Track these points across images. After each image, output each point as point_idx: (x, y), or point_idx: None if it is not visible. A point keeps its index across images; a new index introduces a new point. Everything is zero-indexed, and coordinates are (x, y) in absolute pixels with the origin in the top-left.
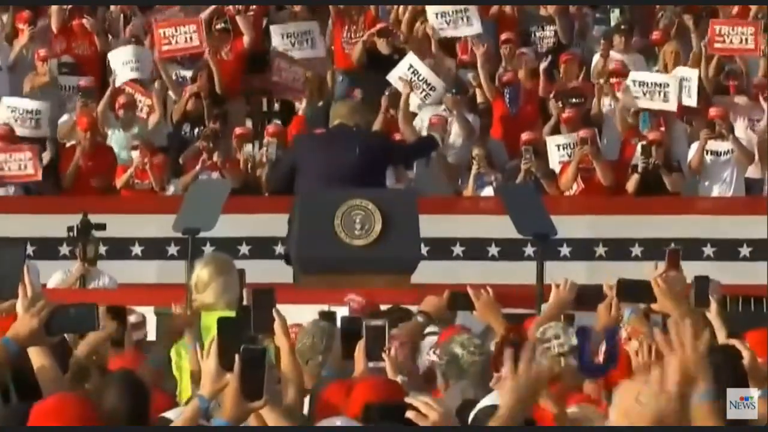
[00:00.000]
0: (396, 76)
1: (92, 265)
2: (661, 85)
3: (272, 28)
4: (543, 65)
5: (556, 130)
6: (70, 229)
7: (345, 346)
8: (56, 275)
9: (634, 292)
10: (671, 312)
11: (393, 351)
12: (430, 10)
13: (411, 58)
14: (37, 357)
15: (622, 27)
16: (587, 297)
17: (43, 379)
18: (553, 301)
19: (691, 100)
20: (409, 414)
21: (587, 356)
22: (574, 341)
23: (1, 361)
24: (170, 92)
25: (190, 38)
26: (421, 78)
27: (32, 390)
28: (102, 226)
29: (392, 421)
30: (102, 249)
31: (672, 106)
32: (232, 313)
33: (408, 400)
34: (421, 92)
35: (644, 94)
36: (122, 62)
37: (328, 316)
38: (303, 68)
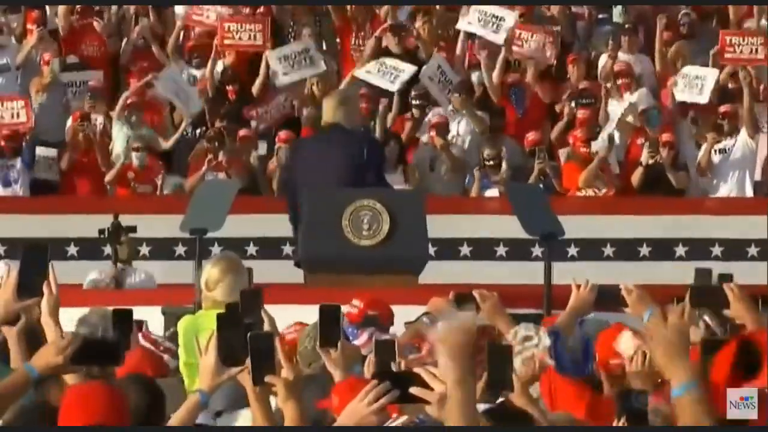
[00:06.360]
0: (427, 75)
1: (127, 264)
2: (699, 77)
3: (268, 53)
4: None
5: (567, 131)
6: (101, 231)
7: (322, 333)
8: (91, 275)
9: (706, 297)
10: (744, 317)
11: (425, 351)
12: (474, 10)
13: (438, 59)
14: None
15: (626, 27)
16: (606, 298)
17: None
18: (573, 302)
19: (701, 98)
20: (414, 390)
21: (563, 356)
22: (547, 341)
23: (20, 386)
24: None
25: (255, 36)
26: (447, 79)
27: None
28: (133, 229)
29: (398, 386)
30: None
31: (704, 98)
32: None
33: (417, 370)
34: (448, 92)
35: (685, 87)
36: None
37: None
38: (282, 94)
